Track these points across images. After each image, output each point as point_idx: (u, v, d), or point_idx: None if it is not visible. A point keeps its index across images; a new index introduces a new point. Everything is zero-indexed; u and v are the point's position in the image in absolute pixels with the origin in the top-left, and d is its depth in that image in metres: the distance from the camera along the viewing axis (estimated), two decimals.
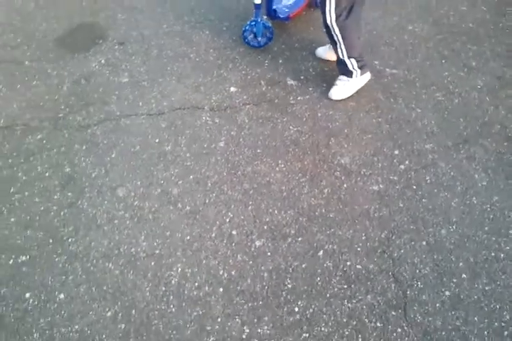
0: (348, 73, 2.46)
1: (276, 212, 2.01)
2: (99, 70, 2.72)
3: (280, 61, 2.73)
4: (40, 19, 3.14)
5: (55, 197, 2.12)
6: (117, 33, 2.99)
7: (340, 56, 2.41)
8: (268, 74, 2.65)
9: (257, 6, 2.68)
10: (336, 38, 2.35)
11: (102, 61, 2.78)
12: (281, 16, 2.84)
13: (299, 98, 2.51)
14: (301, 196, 2.06)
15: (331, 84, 2.54)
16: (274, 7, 2.83)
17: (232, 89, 2.57)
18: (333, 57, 2.63)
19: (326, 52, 2.71)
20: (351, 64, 2.42)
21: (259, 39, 2.78)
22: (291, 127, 2.36)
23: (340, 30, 2.32)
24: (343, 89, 2.50)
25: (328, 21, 2.31)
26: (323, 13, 2.31)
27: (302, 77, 2.62)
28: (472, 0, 3.06)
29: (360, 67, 2.45)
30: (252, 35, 2.78)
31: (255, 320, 1.74)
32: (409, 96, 2.49)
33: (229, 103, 2.50)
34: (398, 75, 2.61)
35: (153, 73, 2.68)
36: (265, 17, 2.84)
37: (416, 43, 2.80)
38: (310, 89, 2.55)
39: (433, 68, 2.64)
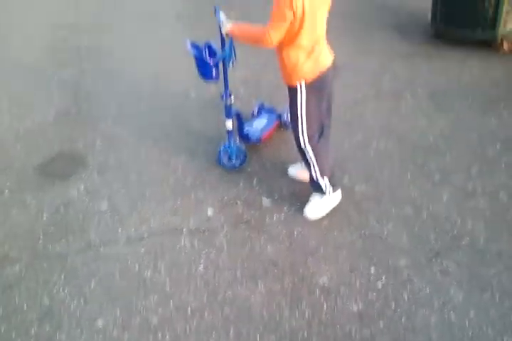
0: (322, 192, 2.58)
1: (258, 338, 2.00)
2: (79, 198, 2.79)
3: (254, 181, 2.84)
4: (20, 148, 3.27)
5: (33, 331, 2.09)
6: (96, 160, 3.11)
7: (314, 176, 2.54)
8: (244, 194, 2.75)
9: (230, 132, 2.86)
10: (309, 159, 2.50)
11: (82, 188, 2.86)
12: (253, 139, 3.01)
13: (274, 217, 2.58)
14: (282, 319, 2.07)
15: (305, 202, 2.63)
16: (245, 131, 3.01)
17: (210, 211, 2.65)
18: (304, 176, 2.76)
19: (297, 171, 2.84)
20: (324, 183, 2.54)
21: (234, 161, 2.92)
22: (268, 247, 2.41)
23: (313, 151, 2.48)
24: (317, 207, 2.60)
25: (302, 144, 2.47)
26: (296, 136, 2.48)
27: (276, 197, 2.72)
28: (430, 116, 3.28)
29: (332, 186, 2.57)
30: (226, 158, 2.93)
31: None
32: (379, 212, 2.59)
33: (207, 225, 2.56)
34: (367, 191, 2.73)
35: (132, 199, 2.76)
36: (238, 140, 3.00)
37: (381, 160, 2.96)
38: (285, 208, 2.64)
39: (400, 183, 2.77)
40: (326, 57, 2.39)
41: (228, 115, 2.84)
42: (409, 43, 4.21)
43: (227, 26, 2.42)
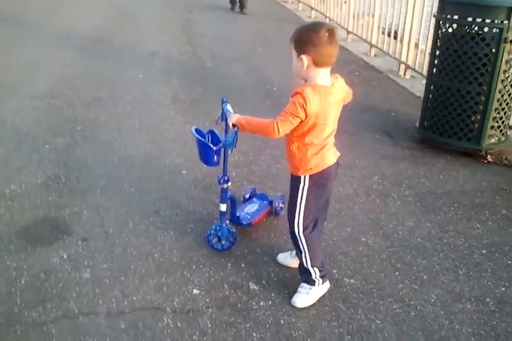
0: (311, 281, 2.54)
1: None
2: (61, 265, 2.70)
3: (243, 265, 2.80)
4: (4, 210, 3.19)
5: None
6: (82, 229, 3.04)
7: (305, 264, 2.52)
8: (231, 277, 2.69)
9: (222, 213, 2.86)
10: (301, 248, 2.49)
11: (64, 256, 2.77)
12: (244, 223, 3.01)
13: (261, 303, 2.52)
14: None
15: (292, 290, 2.59)
16: (237, 214, 3.01)
17: (195, 291, 2.58)
18: (293, 264, 2.74)
19: (286, 259, 2.82)
20: (314, 273, 2.52)
21: (223, 243, 2.89)
22: (254, 334, 2.33)
23: (306, 241, 2.49)
24: (306, 296, 2.55)
25: (296, 232, 2.48)
26: (291, 224, 2.49)
27: (264, 282, 2.67)
28: (417, 216, 3.35)
29: (321, 277, 2.55)
30: (216, 239, 2.90)
31: None
32: (368, 307, 2.55)
33: (191, 306, 2.47)
34: (356, 285, 2.70)
35: (116, 271, 2.68)
36: (228, 222, 2.99)
37: (370, 255, 2.96)
38: (272, 294, 2.58)
39: (388, 279, 2.76)
40: (332, 154, 2.48)
41: (224, 199, 2.85)
42: (396, 147, 4.38)
43: (234, 117, 2.49)
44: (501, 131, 4.20)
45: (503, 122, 4.17)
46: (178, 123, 4.72)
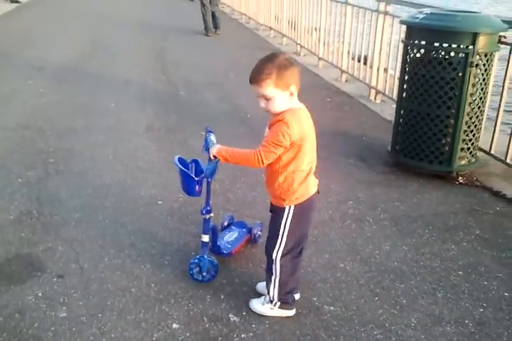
0: (270, 300, 2.62)
1: None
2: (36, 304, 2.64)
3: (222, 296, 2.77)
4: None
5: None
6: (56, 265, 2.99)
7: (270, 286, 2.58)
8: (210, 309, 2.67)
9: (204, 244, 2.85)
10: (273, 271, 2.54)
11: (39, 294, 2.72)
12: (225, 252, 3.00)
13: (242, 335, 2.49)
14: None
15: (273, 320, 2.58)
16: (217, 243, 2.99)
17: (175, 325, 2.54)
18: None
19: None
20: (273, 295, 2.59)
21: (204, 274, 2.86)
22: None
23: (280, 267, 2.52)
24: (260, 305, 2.65)
25: (273, 257, 2.51)
26: (269, 251, 2.51)
27: (245, 313, 2.65)
28: (393, 240, 3.37)
29: (280, 301, 2.60)
30: (197, 269, 2.87)
31: None
32: (349, 334, 2.54)
33: None
34: (336, 312, 2.69)
35: (93, 308, 2.63)
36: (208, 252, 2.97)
37: (348, 280, 2.96)
38: (253, 326, 2.56)
39: (368, 305, 2.76)
40: (314, 182, 2.53)
41: (206, 230, 2.83)
42: (370, 171, 4.43)
43: (215, 148, 2.49)
44: (471, 152, 4.28)
45: (472, 144, 4.26)
46: (153, 152, 4.71)
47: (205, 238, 2.84)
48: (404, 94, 4.40)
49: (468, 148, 4.25)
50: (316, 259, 3.15)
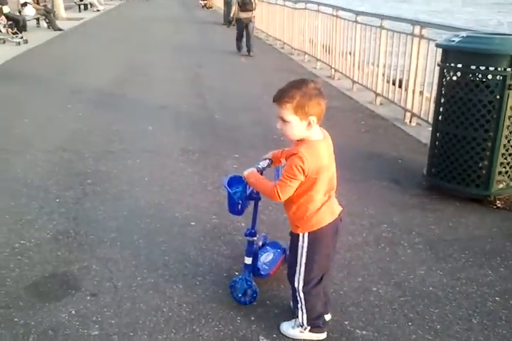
0: (299, 322, 2.60)
1: None
2: (69, 321, 2.69)
3: (252, 318, 2.76)
4: (14, 265, 3.20)
5: None
6: (90, 284, 3.04)
7: (298, 311, 2.57)
8: (241, 331, 2.66)
9: (247, 266, 2.86)
10: (299, 300, 2.53)
11: (73, 312, 2.76)
12: (263, 273, 2.99)
13: None
14: None
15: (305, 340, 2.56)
16: (257, 265, 2.99)
17: None
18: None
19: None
20: (302, 320, 2.58)
21: (239, 296, 2.86)
22: None
23: (304, 295, 2.51)
24: (291, 329, 2.64)
25: (296, 286, 2.50)
26: (291, 279, 2.51)
27: (275, 335, 2.63)
28: (428, 264, 3.31)
29: (311, 326, 2.59)
30: (239, 292, 2.87)
31: None
32: None
33: None
34: (368, 337, 2.65)
35: (125, 327, 2.66)
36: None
37: (382, 305, 2.92)
38: None
39: (401, 330, 2.71)
40: (334, 209, 2.49)
41: (249, 252, 2.85)
42: (404, 194, 4.38)
43: (248, 171, 2.54)
44: (509, 176, 4.20)
45: (510, 167, 4.17)
46: (187, 175, 4.77)
47: (248, 260, 2.85)
48: (440, 117, 4.36)
49: (507, 172, 4.17)
50: (348, 283, 3.12)
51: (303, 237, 2.44)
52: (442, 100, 4.35)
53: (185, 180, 4.66)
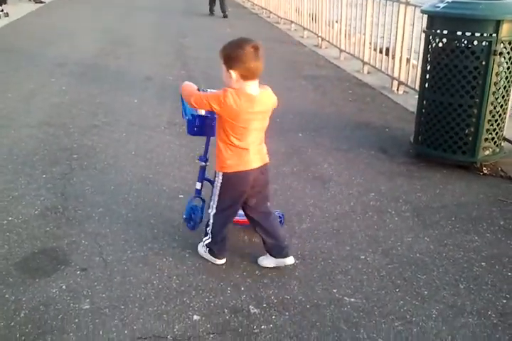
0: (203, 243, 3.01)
1: None
2: (60, 296, 2.69)
3: (242, 288, 2.79)
4: (2, 242, 3.19)
5: None
6: (80, 258, 3.04)
7: (204, 238, 2.99)
8: (231, 301, 2.69)
9: (197, 191, 3.26)
10: (209, 223, 2.94)
11: (63, 287, 2.77)
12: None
13: (262, 327, 2.51)
14: None
15: (293, 312, 2.59)
16: None
17: (196, 317, 2.57)
18: (278, 263, 2.95)
19: (267, 259, 3.00)
20: (205, 240, 2.98)
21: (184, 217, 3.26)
22: None
23: (213, 221, 2.90)
24: (201, 249, 3.06)
25: (209, 211, 2.91)
26: (209, 203, 2.92)
27: (265, 305, 2.66)
28: (415, 232, 3.34)
29: (209, 249, 2.98)
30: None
31: None
32: (370, 325, 2.54)
33: (192, 332, 2.47)
34: (357, 304, 2.69)
35: (116, 300, 2.67)
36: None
37: (370, 272, 2.95)
38: (273, 317, 2.57)
39: (389, 297, 2.75)
40: (251, 161, 2.72)
41: (200, 178, 3.21)
42: (392, 162, 4.39)
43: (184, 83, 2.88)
44: (495, 142, 4.22)
45: (496, 134, 4.20)
46: (174, 147, 4.74)
47: (198, 185, 3.19)
48: (426, 85, 4.35)
49: (493, 138, 4.19)
50: (336, 251, 3.15)
51: (218, 176, 2.77)
52: (428, 67, 4.32)
53: (172, 152, 4.63)
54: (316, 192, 3.89)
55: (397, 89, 6.52)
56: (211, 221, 2.91)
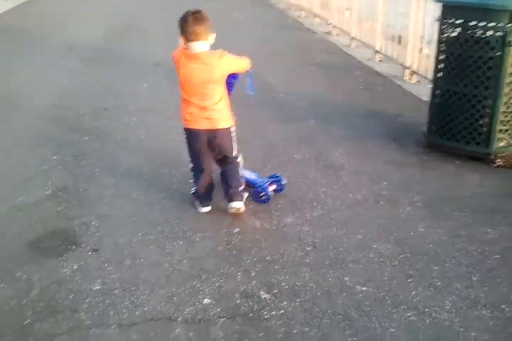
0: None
1: None
2: (71, 276, 2.70)
3: (253, 274, 2.78)
4: (14, 222, 3.19)
5: None
6: (91, 239, 3.04)
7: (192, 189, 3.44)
8: (241, 286, 2.67)
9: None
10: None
11: (75, 267, 2.77)
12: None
13: (272, 312, 2.50)
14: None
15: (304, 299, 2.58)
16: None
17: (206, 300, 2.56)
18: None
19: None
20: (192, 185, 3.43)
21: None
22: None
23: (192, 173, 3.40)
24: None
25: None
26: None
27: (276, 291, 2.65)
28: (428, 222, 3.31)
29: (193, 196, 3.41)
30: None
31: None
32: (381, 314, 2.52)
33: (203, 315, 2.46)
34: (368, 292, 2.67)
35: (126, 282, 2.67)
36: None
37: (381, 261, 2.93)
38: (284, 303, 2.56)
39: (401, 286, 2.73)
40: (200, 121, 3.13)
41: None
42: (403, 152, 4.36)
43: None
44: (510, 134, 4.17)
45: (511, 125, 4.15)
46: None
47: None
48: (440, 74, 4.29)
49: (507, 130, 4.14)
50: (347, 240, 3.13)
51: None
52: (442, 57, 4.26)
53: (181, 137, 4.57)
54: (328, 180, 3.86)
55: (410, 78, 6.44)
56: (191, 173, 3.40)
